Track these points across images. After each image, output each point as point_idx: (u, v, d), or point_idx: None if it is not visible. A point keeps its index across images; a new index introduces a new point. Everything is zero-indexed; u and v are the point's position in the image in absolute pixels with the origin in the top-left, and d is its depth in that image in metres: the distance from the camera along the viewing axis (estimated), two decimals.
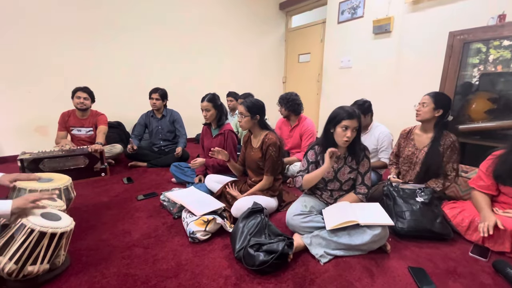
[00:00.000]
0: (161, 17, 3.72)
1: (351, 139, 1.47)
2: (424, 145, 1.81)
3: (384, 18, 3.15)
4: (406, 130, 1.97)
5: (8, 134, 3.03)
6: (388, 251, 1.44)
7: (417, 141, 1.86)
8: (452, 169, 1.74)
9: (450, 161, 1.73)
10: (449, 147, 1.72)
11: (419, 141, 1.86)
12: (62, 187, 1.62)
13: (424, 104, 1.76)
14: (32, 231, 1.09)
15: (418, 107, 1.79)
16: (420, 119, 1.79)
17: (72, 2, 3.11)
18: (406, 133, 1.96)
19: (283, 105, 2.48)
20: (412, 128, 1.94)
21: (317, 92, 4.45)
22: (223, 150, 1.90)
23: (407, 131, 1.96)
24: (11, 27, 2.86)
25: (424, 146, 1.80)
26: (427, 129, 1.81)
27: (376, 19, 3.23)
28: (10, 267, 1.05)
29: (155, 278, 1.23)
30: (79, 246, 1.46)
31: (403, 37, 3.06)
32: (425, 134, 1.83)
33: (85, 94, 2.64)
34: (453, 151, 1.72)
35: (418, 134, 1.87)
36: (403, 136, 1.97)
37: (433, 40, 2.77)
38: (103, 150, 2.57)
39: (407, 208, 1.61)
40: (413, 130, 1.93)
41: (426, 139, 1.81)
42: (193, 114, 3.54)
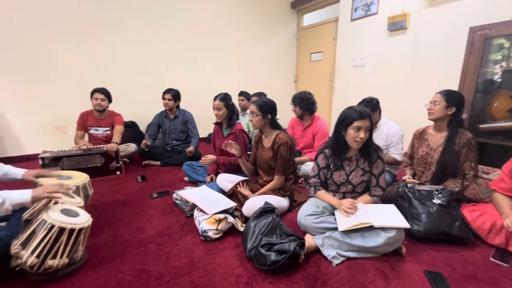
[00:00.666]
0: (174, 18, 3.78)
1: (364, 140, 1.44)
2: (439, 145, 1.75)
3: (399, 15, 3.07)
4: (419, 130, 1.92)
5: (30, 133, 3.18)
6: (403, 254, 1.41)
7: (431, 141, 1.81)
8: (470, 168, 1.67)
9: (467, 160, 1.67)
10: (465, 145, 1.66)
11: (433, 140, 1.80)
12: (81, 185, 1.68)
13: (435, 103, 1.71)
14: (52, 226, 1.14)
15: (430, 106, 1.74)
16: (432, 118, 1.74)
17: (89, 5, 3.21)
18: (419, 133, 1.91)
19: (297, 105, 2.44)
20: (425, 128, 1.89)
21: (329, 91, 4.39)
22: (236, 144, 1.91)
23: (420, 131, 1.91)
24: (32, 31, 2.99)
25: (439, 146, 1.75)
26: (441, 128, 1.76)
27: (391, 16, 3.15)
28: (32, 261, 1.10)
29: (168, 275, 1.26)
30: (96, 241, 1.51)
31: (420, 33, 2.96)
32: (439, 134, 1.77)
33: (102, 95, 2.73)
34: (469, 149, 1.66)
35: (432, 134, 1.82)
36: (416, 136, 1.92)
37: (451, 36, 2.67)
38: (119, 149, 2.64)
39: (423, 210, 1.56)
40: (426, 130, 1.88)
41: (440, 138, 1.76)
42: (205, 114, 3.58)
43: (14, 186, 1.67)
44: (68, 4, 3.11)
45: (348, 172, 1.57)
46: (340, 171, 1.58)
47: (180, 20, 3.83)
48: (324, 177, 1.64)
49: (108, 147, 2.55)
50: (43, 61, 3.09)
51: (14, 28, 2.90)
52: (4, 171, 1.49)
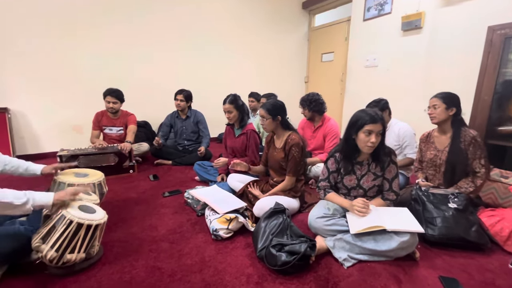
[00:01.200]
0: (186, 19, 3.84)
1: (376, 144, 1.40)
2: (445, 146, 1.75)
3: (414, 14, 3.00)
4: (424, 134, 1.93)
5: (49, 132, 3.30)
6: (417, 259, 1.38)
7: (438, 143, 1.81)
8: (481, 166, 1.64)
9: (475, 157, 1.64)
10: (470, 143, 1.64)
11: (439, 142, 1.80)
12: (96, 182, 1.74)
13: (435, 107, 1.72)
14: (71, 222, 1.18)
15: (430, 111, 1.75)
16: (436, 122, 1.75)
17: (104, 10, 3.31)
18: (425, 137, 1.91)
19: (306, 107, 2.43)
20: (431, 131, 1.90)
21: (340, 92, 4.35)
22: (242, 162, 1.94)
23: (426, 135, 1.91)
24: (50, 35, 3.11)
25: (446, 147, 1.75)
26: (445, 130, 1.76)
27: (405, 15, 3.09)
28: (52, 255, 1.15)
29: (180, 272, 1.28)
30: (111, 237, 1.56)
31: (435, 33, 2.89)
32: (444, 135, 1.78)
33: (114, 98, 2.77)
34: (475, 147, 1.64)
35: (437, 136, 1.83)
36: (423, 140, 1.92)
37: (469, 36, 2.59)
38: (132, 149, 2.71)
39: (438, 214, 1.52)
40: (431, 133, 1.89)
41: (445, 139, 1.76)
42: (216, 114, 3.62)
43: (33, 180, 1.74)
44: (84, 9, 3.21)
45: (359, 176, 1.54)
46: (350, 176, 1.56)
47: (191, 20, 3.88)
48: (334, 181, 1.63)
49: (122, 146, 2.62)
50: (61, 63, 3.21)
51: (35, 33, 3.02)
52: (25, 167, 1.56)
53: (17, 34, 2.96)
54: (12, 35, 2.94)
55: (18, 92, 3.07)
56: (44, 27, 3.06)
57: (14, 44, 2.96)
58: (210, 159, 3.02)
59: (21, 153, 3.16)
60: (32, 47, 3.04)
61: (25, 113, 3.16)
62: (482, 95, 2.12)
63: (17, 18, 2.93)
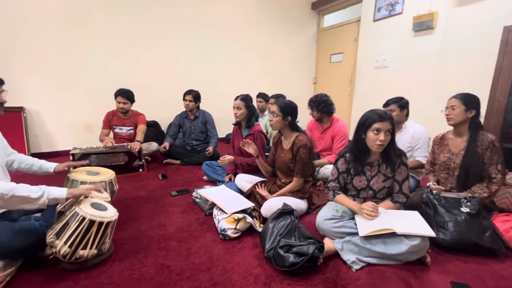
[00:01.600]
0: (195, 20, 3.87)
1: (385, 143, 1.39)
2: (460, 149, 1.69)
3: (426, 14, 2.95)
4: (438, 136, 1.87)
5: (61, 131, 3.39)
6: (427, 263, 1.35)
7: (452, 146, 1.75)
8: (497, 171, 1.59)
9: (492, 162, 1.59)
10: (488, 148, 1.58)
11: (454, 145, 1.74)
12: (107, 181, 1.77)
13: (453, 107, 1.66)
14: (84, 219, 1.21)
15: (448, 111, 1.69)
16: (452, 123, 1.69)
17: (116, 14, 3.38)
18: (439, 139, 1.85)
19: (314, 108, 2.42)
20: (445, 133, 1.84)
21: (349, 93, 4.31)
22: (253, 144, 1.93)
23: (440, 136, 1.85)
24: (65, 37, 3.19)
25: (461, 150, 1.69)
26: (461, 132, 1.70)
27: (417, 15, 3.04)
28: (65, 250, 1.18)
29: (189, 271, 1.29)
30: (121, 235, 1.58)
31: (448, 33, 2.84)
32: (460, 138, 1.71)
33: (124, 99, 2.82)
34: (493, 152, 1.58)
35: (452, 139, 1.76)
36: (436, 142, 1.86)
37: (483, 36, 2.53)
38: (142, 148, 2.75)
39: (450, 218, 1.49)
40: (446, 135, 1.82)
41: (461, 142, 1.70)
42: (224, 114, 3.64)
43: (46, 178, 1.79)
44: (97, 11, 3.29)
45: (369, 177, 1.53)
46: (360, 176, 1.54)
47: (200, 21, 3.92)
48: (343, 182, 1.61)
49: (132, 146, 2.66)
50: (75, 64, 3.29)
51: (51, 35, 3.11)
52: (39, 165, 1.61)
53: (34, 36, 3.05)
54: (29, 37, 3.03)
55: (34, 92, 3.17)
56: (59, 29, 3.14)
57: (31, 45, 3.05)
58: (218, 159, 3.03)
59: (35, 151, 3.25)
60: (48, 48, 3.13)
61: (39, 112, 3.25)
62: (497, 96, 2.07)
63: (35, 20, 3.02)
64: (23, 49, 3.03)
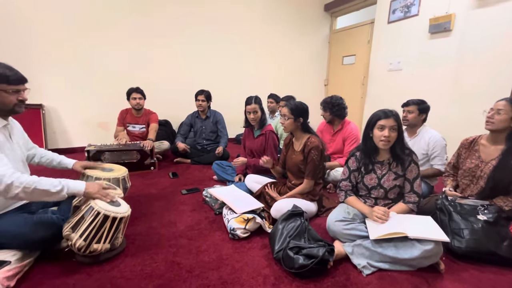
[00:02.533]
0: (207, 21, 3.92)
1: (391, 140, 1.41)
2: (492, 158, 1.58)
3: (443, 16, 2.88)
4: (468, 139, 1.75)
5: (77, 128, 3.50)
6: (441, 271, 1.31)
7: (483, 153, 1.64)
8: None
9: None
10: None
11: (485, 152, 1.63)
12: (121, 177, 1.81)
13: (500, 111, 1.51)
14: (98, 213, 1.24)
15: (491, 114, 1.55)
16: (492, 128, 1.56)
17: (131, 14, 3.47)
18: (468, 142, 1.73)
19: (327, 110, 2.39)
20: (477, 137, 1.71)
21: (361, 95, 4.25)
22: (271, 160, 1.95)
23: (470, 140, 1.74)
24: (83, 37, 3.30)
25: (492, 159, 1.58)
26: (497, 140, 1.58)
27: (434, 17, 2.97)
28: (80, 243, 1.21)
29: (198, 269, 1.31)
30: (133, 231, 1.62)
31: (466, 36, 2.76)
32: (494, 146, 1.59)
33: (139, 94, 2.93)
34: None
35: (485, 145, 1.64)
36: (465, 146, 1.75)
37: (504, 39, 2.45)
38: (154, 146, 2.80)
39: (465, 225, 1.44)
40: (477, 140, 1.70)
41: (494, 151, 1.58)
42: (234, 115, 3.67)
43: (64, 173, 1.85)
44: (112, 12, 3.39)
45: (379, 175, 1.52)
46: (371, 175, 1.54)
47: (213, 22, 3.96)
48: (355, 181, 1.61)
49: (144, 144, 2.72)
50: (91, 64, 3.39)
51: (70, 36, 3.23)
52: (58, 160, 1.66)
53: (53, 36, 3.16)
54: (49, 38, 3.15)
55: (52, 90, 3.28)
56: (77, 31, 3.25)
57: (50, 45, 3.17)
58: (228, 159, 3.06)
59: (52, 147, 3.36)
60: (66, 49, 3.24)
61: (57, 109, 3.37)
62: None
63: (54, 22, 3.14)
64: (43, 49, 3.15)
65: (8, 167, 1.14)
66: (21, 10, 2.98)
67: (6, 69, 1.22)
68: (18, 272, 1.19)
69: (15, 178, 1.11)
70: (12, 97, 1.24)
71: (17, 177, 1.12)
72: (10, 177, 1.10)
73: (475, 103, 2.68)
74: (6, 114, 1.30)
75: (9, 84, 1.22)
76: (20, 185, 1.11)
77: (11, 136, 1.35)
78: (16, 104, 1.27)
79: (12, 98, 1.25)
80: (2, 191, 1.10)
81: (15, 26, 2.99)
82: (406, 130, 2.07)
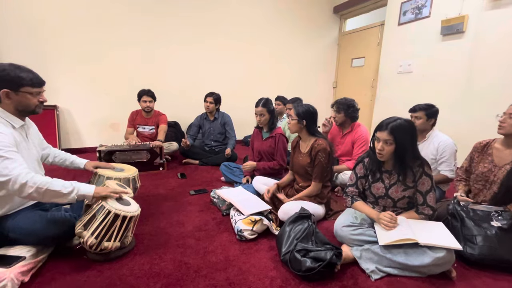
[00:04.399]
0: (215, 23, 3.96)
1: (384, 153, 1.36)
2: (506, 163, 1.54)
3: (455, 17, 2.83)
4: (482, 143, 1.70)
5: (89, 129, 3.59)
6: (453, 278, 1.28)
7: (497, 157, 1.59)
8: None
9: None
10: None
11: (499, 157, 1.58)
12: (131, 177, 1.85)
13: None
14: (109, 212, 1.27)
15: (503, 118, 1.51)
16: (503, 132, 1.53)
17: (142, 15, 3.55)
18: (482, 146, 1.69)
19: (341, 111, 2.31)
20: (491, 141, 1.67)
21: (370, 98, 4.21)
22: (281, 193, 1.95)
23: (484, 144, 1.69)
24: (96, 40, 3.39)
25: (506, 164, 1.54)
26: (511, 144, 1.55)
27: (446, 19, 2.92)
28: (92, 241, 1.24)
29: (206, 269, 1.32)
30: (142, 230, 1.65)
31: (480, 37, 2.70)
32: (508, 150, 1.55)
33: (149, 97, 2.98)
34: None
35: (499, 149, 1.60)
36: (478, 149, 1.70)
37: None
38: (163, 147, 2.85)
39: (479, 232, 1.41)
40: (491, 144, 1.66)
41: (509, 155, 1.54)
42: (242, 116, 3.69)
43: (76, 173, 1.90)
44: (124, 16, 3.47)
45: (387, 185, 1.47)
46: (378, 183, 1.50)
47: (221, 25, 4.00)
48: (362, 187, 1.58)
49: (154, 144, 2.76)
50: (104, 66, 3.48)
51: (83, 39, 3.32)
52: (71, 160, 1.71)
53: (67, 39, 3.26)
54: (63, 40, 3.25)
55: (66, 91, 3.38)
56: (90, 33, 3.34)
57: (65, 48, 3.27)
58: (236, 161, 3.07)
59: (65, 146, 3.46)
60: (79, 52, 3.34)
61: (70, 110, 3.46)
62: None
63: (69, 25, 3.24)
64: (57, 51, 3.25)
65: (23, 166, 1.17)
66: (34, 12, 3.08)
67: (28, 72, 1.28)
68: (32, 267, 1.23)
69: (30, 178, 1.15)
70: (34, 99, 1.30)
71: (31, 177, 1.15)
72: (25, 177, 1.14)
73: (487, 107, 2.62)
74: (25, 114, 1.36)
75: (33, 87, 1.28)
76: (34, 185, 1.15)
77: (27, 136, 1.40)
78: (37, 105, 1.33)
79: (34, 100, 1.31)
80: (17, 190, 1.13)
81: (29, 29, 3.10)
82: None
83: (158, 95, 3.10)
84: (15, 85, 1.24)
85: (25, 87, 1.26)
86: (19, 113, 1.31)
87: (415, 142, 1.39)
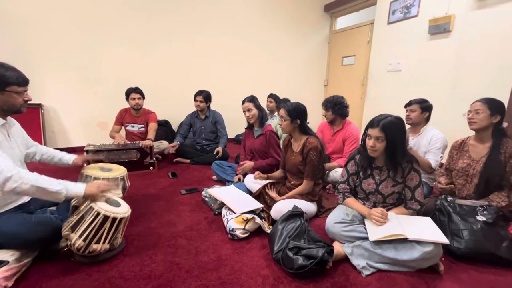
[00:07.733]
0: (205, 20, 3.91)
1: (377, 150, 1.39)
2: (482, 156, 1.64)
3: (442, 17, 2.89)
4: (458, 141, 1.81)
5: (76, 128, 3.49)
6: (440, 272, 1.32)
7: (473, 152, 1.69)
8: None
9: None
10: (511, 156, 1.53)
11: (475, 152, 1.68)
12: (119, 177, 1.80)
13: (477, 111, 1.60)
14: (98, 214, 1.24)
15: (471, 115, 1.63)
16: (475, 128, 1.63)
17: (134, 13, 3.46)
18: (458, 144, 1.80)
19: (329, 109, 2.38)
20: (465, 139, 1.78)
21: (361, 96, 4.26)
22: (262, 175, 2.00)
23: (460, 142, 1.80)
24: (81, 37, 3.29)
25: (482, 157, 1.63)
26: (484, 139, 1.64)
27: (433, 18, 2.98)
28: (79, 243, 1.21)
29: (197, 269, 1.30)
30: (132, 231, 1.61)
31: (466, 37, 2.76)
32: (482, 144, 1.65)
33: (138, 95, 2.92)
34: None
35: (474, 145, 1.70)
36: (456, 147, 1.81)
37: (503, 40, 2.46)
38: (153, 146, 2.80)
39: (465, 226, 1.45)
40: (466, 141, 1.76)
41: (483, 149, 1.64)
42: (234, 115, 3.67)
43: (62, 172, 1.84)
44: (111, 10, 3.38)
45: (378, 181, 1.51)
46: (369, 180, 1.53)
47: (211, 22, 3.95)
48: (353, 184, 1.61)
49: (144, 143, 2.71)
50: (89, 63, 3.39)
51: (68, 35, 3.22)
52: (59, 157, 1.68)
53: (52, 36, 3.15)
54: (48, 37, 3.14)
55: (51, 89, 3.27)
56: (76, 31, 3.24)
57: (50, 45, 3.16)
58: (227, 159, 3.06)
59: (51, 146, 3.33)
60: (65, 48, 3.23)
61: (56, 109, 3.36)
62: None
63: (53, 21, 3.13)
64: (41, 49, 3.14)
65: (8, 162, 1.14)
66: (17, 9, 2.97)
67: (14, 71, 1.24)
68: (16, 272, 1.18)
69: (15, 172, 1.11)
70: (20, 98, 1.27)
71: (17, 172, 1.12)
72: (10, 171, 1.11)
73: None
74: (9, 114, 1.32)
75: (19, 86, 1.24)
76: (19, 179, 1.11)
77: (9, 135, 1.35)
78: (22, 104, 1.29)
79: (20, 99, 1.27)
80: (1, 184, 1.10)
81: (12, 26, 2.98)
82: (410, 129, 2.08)
83: (147, 93, 3.05)
84: (1, 84, 1.20)
85: (11, 86, 1.22)
86: (3, 112, 1.27)
87: (404, 139, 1.43)
